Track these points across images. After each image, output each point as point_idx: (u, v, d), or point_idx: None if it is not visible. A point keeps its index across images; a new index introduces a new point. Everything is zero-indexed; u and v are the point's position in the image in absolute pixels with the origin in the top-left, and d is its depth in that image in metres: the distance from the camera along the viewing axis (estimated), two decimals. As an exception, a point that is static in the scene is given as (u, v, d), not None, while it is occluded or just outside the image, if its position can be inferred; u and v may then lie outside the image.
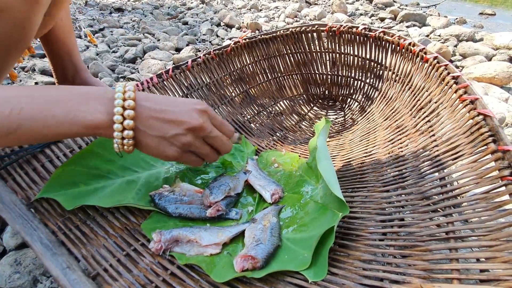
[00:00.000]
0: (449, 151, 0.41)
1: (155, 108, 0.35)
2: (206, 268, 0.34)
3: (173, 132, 0.35)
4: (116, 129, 0.33)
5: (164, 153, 0.36)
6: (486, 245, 0.28)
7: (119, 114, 0.33)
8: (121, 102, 0.33)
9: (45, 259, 0.32)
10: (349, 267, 0.34)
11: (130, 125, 0.33)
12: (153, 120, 0.35)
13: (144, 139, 0.35)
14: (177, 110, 0.36)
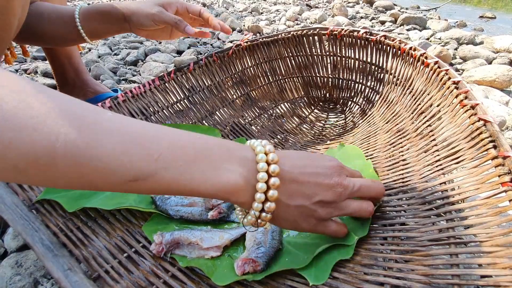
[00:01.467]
0: (450, 155, 0.41)
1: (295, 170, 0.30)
2: (207, 271, 0.35)
3: (316, 198, 0.30)
4: (257, 199, 0.27)
5: (302, 225, 0.31)
6: (487, 251, 0.29)
7: (263, 181, 0.27)
8: (266, 166, 0.27)
9: (46, 261, 0.32)
10: (349, 271, 0.34)
11: (274, 196, 0.27)
12: (294, 185, 0.29)
13: (284, 211, 0.30)
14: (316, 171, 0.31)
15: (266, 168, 0.27)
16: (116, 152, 0.22)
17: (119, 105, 0.55)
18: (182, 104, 0.64)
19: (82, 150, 0.21)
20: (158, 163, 0.23)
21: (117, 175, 0.22)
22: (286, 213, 0.30)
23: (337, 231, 0.34)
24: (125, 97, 0.56)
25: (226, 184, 0.26)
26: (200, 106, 0.66)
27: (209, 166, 0.26)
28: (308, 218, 0.31)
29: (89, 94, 0.77)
